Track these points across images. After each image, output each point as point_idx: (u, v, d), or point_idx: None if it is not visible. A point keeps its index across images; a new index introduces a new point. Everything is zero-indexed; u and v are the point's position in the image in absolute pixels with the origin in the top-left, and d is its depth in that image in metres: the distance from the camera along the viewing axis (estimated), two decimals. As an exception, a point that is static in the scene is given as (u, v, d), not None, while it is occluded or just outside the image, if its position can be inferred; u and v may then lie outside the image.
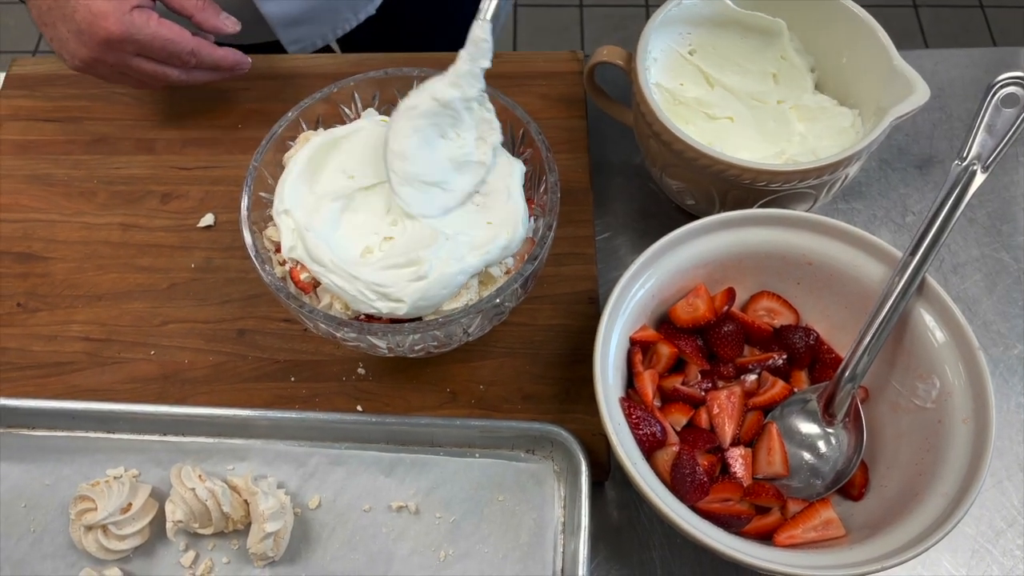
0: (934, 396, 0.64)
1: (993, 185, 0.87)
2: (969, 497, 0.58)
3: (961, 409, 0.62)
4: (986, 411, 0.61)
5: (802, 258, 0.70)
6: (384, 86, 0.73)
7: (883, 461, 0.67)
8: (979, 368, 0.62)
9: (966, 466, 0.60)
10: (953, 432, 0.62)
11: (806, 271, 0.70)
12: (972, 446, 0.61)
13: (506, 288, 0.63)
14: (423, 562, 0.67)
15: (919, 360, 0.66)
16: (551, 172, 0.68)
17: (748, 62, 0.84)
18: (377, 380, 0.75)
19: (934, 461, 0.62)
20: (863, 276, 0.68)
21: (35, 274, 0.81)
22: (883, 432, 0.68)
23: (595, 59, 0.79)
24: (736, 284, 0.72)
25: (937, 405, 0.64)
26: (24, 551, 0.68)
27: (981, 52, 0.97)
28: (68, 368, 0.76)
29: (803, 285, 0.72)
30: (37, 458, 0.71)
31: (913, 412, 0.66)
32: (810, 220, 0.69)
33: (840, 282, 0.70)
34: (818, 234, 0.69)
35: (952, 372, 0.64)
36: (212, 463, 0.70)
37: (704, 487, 0.62)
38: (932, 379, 0.65)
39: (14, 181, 0.86)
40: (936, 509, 0.59)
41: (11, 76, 0.93)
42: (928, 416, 0.64)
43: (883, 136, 0.71)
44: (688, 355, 0.69)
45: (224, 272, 0.81)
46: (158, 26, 0.75)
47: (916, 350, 0.66)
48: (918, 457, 0.64)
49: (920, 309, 0.66)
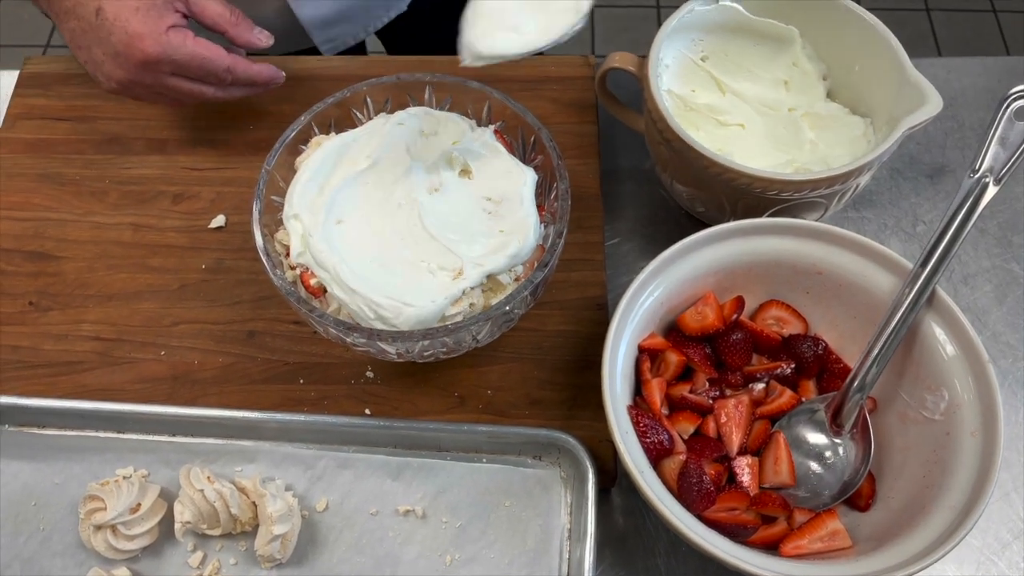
0: (942, 408, 0.64)
1: (1004, 196, 0.87)
2: (976, 511, 0.58)
3: (969, 422, 0.62)
4: (994, 424, 0.61)
5: (812, 268, 0.70)
6: (397, 91, 0.73)
7: (890, 473, 0.67)
8: (988, 381, 0.62)
9: (973, 479, 0.60)
10: (961, 445, 0.62)
11: (816, 280, 0.70)
12: (980, 459, 0.61)
13: (516, 295, 0.63)
14: (429, 566, 0.67)
15: (928, 372, 0.66)
16: (562, 180, 0.68)
17: (760, 69, 0.84)
18: (385, 383, 0.75)
19: (941, 473, 0.62)
20: (873, 287, 0.68)
21: (47, 273, 0.81)
22: (891, 443, 0.68)
23: (607, 65, 0.79)
24: (745, 292, 0.72)
25: (945, 417, 0.64)
26: (34, 549, 0.68)
27: (995, 61, 0.96)
28: (79, 367, 0.76)
29: (812, 294, 0.71)
30: (47, 457, 0.71)
31: (921, 424, 0.66)
32: (820, 230, 0.68)
33: (850, 292, 0.69)
34: (828, 244, 0.69)
35: (961, 385, 0.63)
36: (221, 464, 0.70)
37: (711, 496, 0.62)
38: (941, 391, 0.64)
39: (26, 180, 0.86)
40: (943, 522, 0.59)
41: (24, 75, 0.93)
42: (936, 428, 0.64)
43: (895, 146, 0.71)
44: (696, 363, 0.69)
45: (235, 273, 0.81)
46: (195, 45, 0.75)
47: (925, 361, 0.66)
48: (925, 469, 0.64)
49: (930, 321, 0.66)
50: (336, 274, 0.63)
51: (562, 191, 0.67)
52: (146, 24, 0.73)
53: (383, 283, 0.63)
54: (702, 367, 0.69)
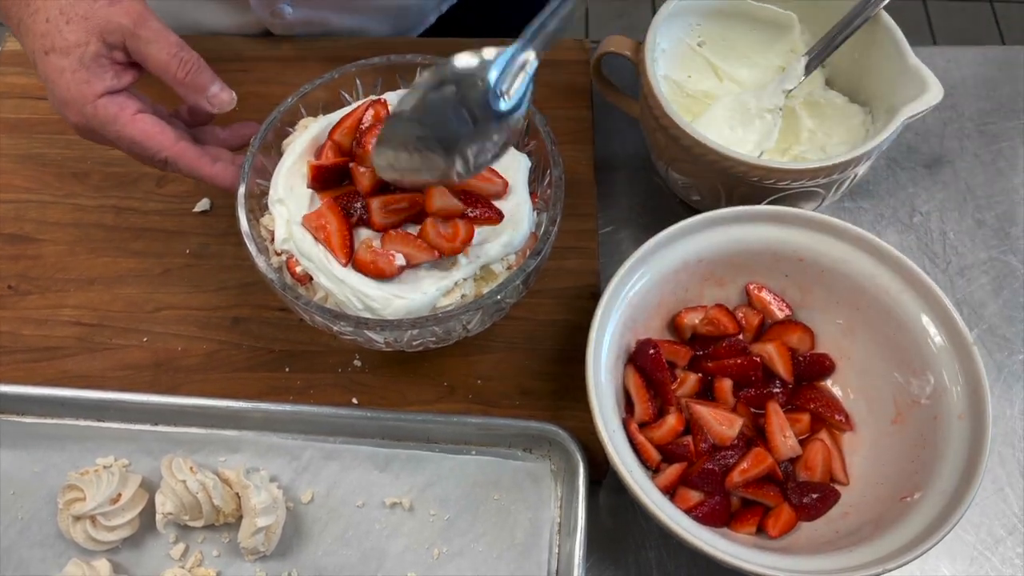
0: (928, 392, 0.64)
1: (1003, 187, 0.86)
2: (968, 496, 0.58)
3: (957, 405, 0.62)
4: (982, 407, 0.61)
5: (794, 255, 0.69)
6: (387, 73, 0.72)
7: (877, 459, 0.66)
8: (974, 364, 0.62)
9: (964, 463, 0.60)
10: (949, 428, 0.62)
11: (798, 267, 0.70)
12: (969, 443, 0.61)
13: (507, 284, 0.62)
14: (416, 560, 0.66)
15: (913, 356, 0.65)
16: (556, 166, 0.66)
17: (758, 55, 0.83)
18: (373, 372, 0.74)
19: (931, 458, 0.62)
20: (855, 272, 0.68)
21: (26, 256, 0.79)
22: (877, 427, 0.67)
23: (602, 49, 0.78)
24: (729, 279, 0.72)
25: (932, 401, 0.64)
26: (12, 539, 0.67)
27: (993, 51, 0.95)
28: (59, 353, 0.75)
29: (792, 279, 0.71)
30: (27, 445, 0.70)
31: (908, 406, 0.65)
32: (804, 217, 0.68)
33: (832, 278, 0.69)
34: (812, 231, 0.68)
35: (948, 370, 0.63)
36: (204, 454, 0.69)
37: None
38: (926, 375, 0.64)
39: (6, 161, 0.84)
40: (935, 508, 0.59)
41: (5, 52, 0.91)
42: (923, 412, 0.64)
43: (894, 135, 0.70)
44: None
45: (220, 259, 0.79)
46: (124, 125, 0.64)
47: (909, 345, 0.66)
48: (914, 454, 0.63)
49: (912, 303, 0.65)
50: (322, 263, 0.61)
51: (555, 178, 0.66)
52: (70, 90, 0.63)
53: (369, 279, 0.62)
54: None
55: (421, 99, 0.55)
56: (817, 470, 0.66)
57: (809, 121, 0.79)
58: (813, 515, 0.64)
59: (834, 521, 0.64)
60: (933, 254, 0.82)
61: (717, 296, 0.72)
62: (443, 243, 0.61)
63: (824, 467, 0.66)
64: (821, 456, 0.66)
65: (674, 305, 0.72)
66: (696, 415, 0.66)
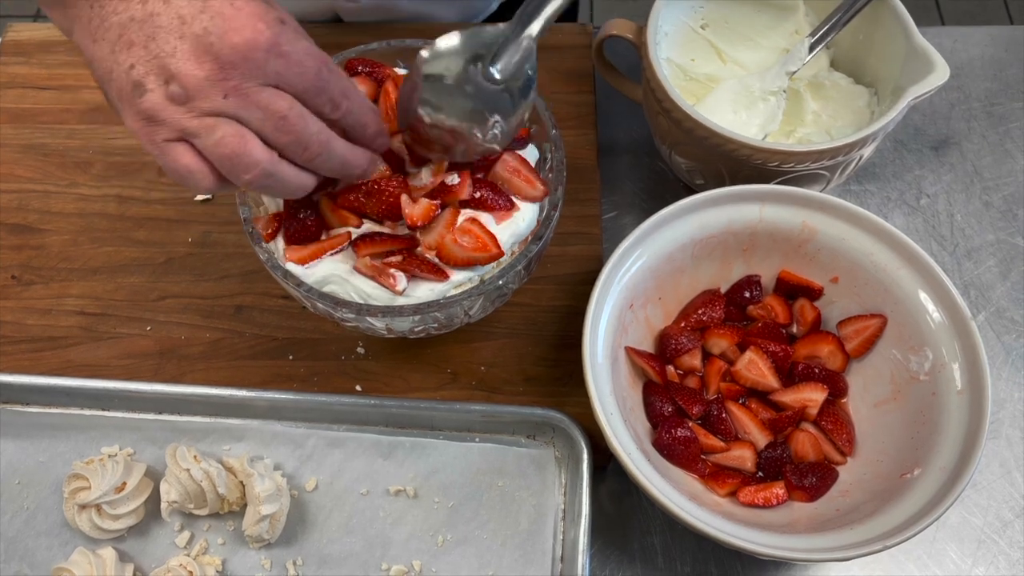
0: (927, 368, 0.64)
1: (1010, 168, 0.85)
2: (967, 471, 0.57)
3: (956, 380, 0.62)
4: (981, 382, 0.61)
5: (790, 233, 0.69)
6: (387, 58, 0.71)
7: (876, 434, 0.66)
8: (973, 339, 0.62)
9: (963, 439, 0.60)
10: (948, 404, 0.62)
11: (795, 246, 0.70)
12: (968, 417, 0.61)
13: (509, 270, 0.61)
14: (421, 547, 0.66)
15: (911, 332, 0.65)
16: (558, 150, 0.66)
17: (762, 37, 0.82)
18: (376, 360, 0.74)
19: (930, 434, 0.62)
20: (852, 249, 0.68)
21: (29, 246, 0.79)
22: (875, 400, 0.67)
23: (604, 32, 0.77)
24: (729, 260, 0.72)
25: (931, 377, 0.64)
26: (18, 528, 0.67)
27: (1001, 31, 0.94)
28: (63, 343, 0.75)
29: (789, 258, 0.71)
30: (32, 434, 0.70)
31: (906, 382, 0.65)
32: (802, 195, 0.68)
33: (831, 255, 0.69)
34: (811, 210, 0.68)
35: (946, 346, 0.63)
36: (208, 443, 0.69)
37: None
38: (924, 351, 0.64)
39: (8, 151, 0.84)
40: (935, 484, 0.59)
41: (7, 42, 0.90)
42: (922, 388, 0.64)
43: (900, 116, 0.69)
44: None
45: (222, 247, 0.79)
46: (311, 44, 0.54)
47: (907, 321, 0.66)
48: (913, 430, 0.63)
49: (910, 279, 0.65)
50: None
51: (557, 162, 0.65)
52: (257, 3, 0.51)
53: (368, 278, 0.61)
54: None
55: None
56: (809, 457, 0.66)
57: (814, 103, 0.78)
58: (814, 495, 0.64)
59: (834, 499, 0.64)
60: (940, 236, 0.81)
61: (714, 277, 0.72)
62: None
63: (816, 453, 0.66)
64: (809, 444, 0.66)
65: (671, 286, 0.71)
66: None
